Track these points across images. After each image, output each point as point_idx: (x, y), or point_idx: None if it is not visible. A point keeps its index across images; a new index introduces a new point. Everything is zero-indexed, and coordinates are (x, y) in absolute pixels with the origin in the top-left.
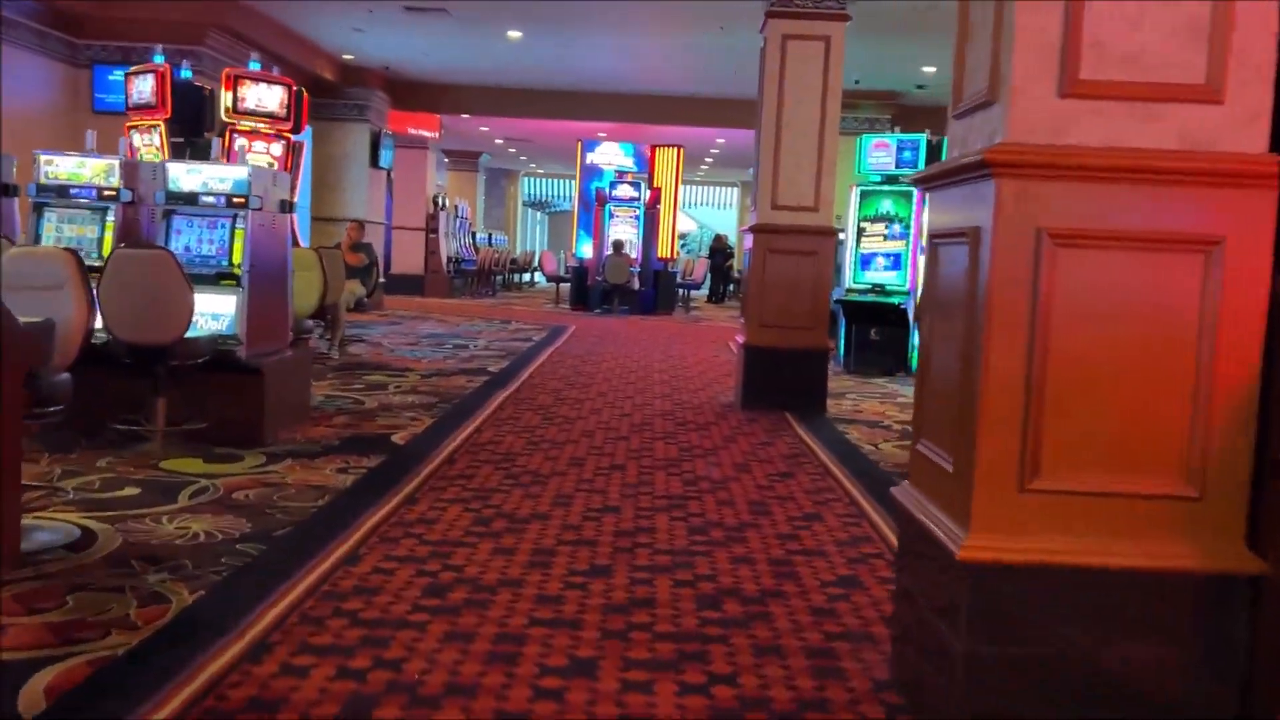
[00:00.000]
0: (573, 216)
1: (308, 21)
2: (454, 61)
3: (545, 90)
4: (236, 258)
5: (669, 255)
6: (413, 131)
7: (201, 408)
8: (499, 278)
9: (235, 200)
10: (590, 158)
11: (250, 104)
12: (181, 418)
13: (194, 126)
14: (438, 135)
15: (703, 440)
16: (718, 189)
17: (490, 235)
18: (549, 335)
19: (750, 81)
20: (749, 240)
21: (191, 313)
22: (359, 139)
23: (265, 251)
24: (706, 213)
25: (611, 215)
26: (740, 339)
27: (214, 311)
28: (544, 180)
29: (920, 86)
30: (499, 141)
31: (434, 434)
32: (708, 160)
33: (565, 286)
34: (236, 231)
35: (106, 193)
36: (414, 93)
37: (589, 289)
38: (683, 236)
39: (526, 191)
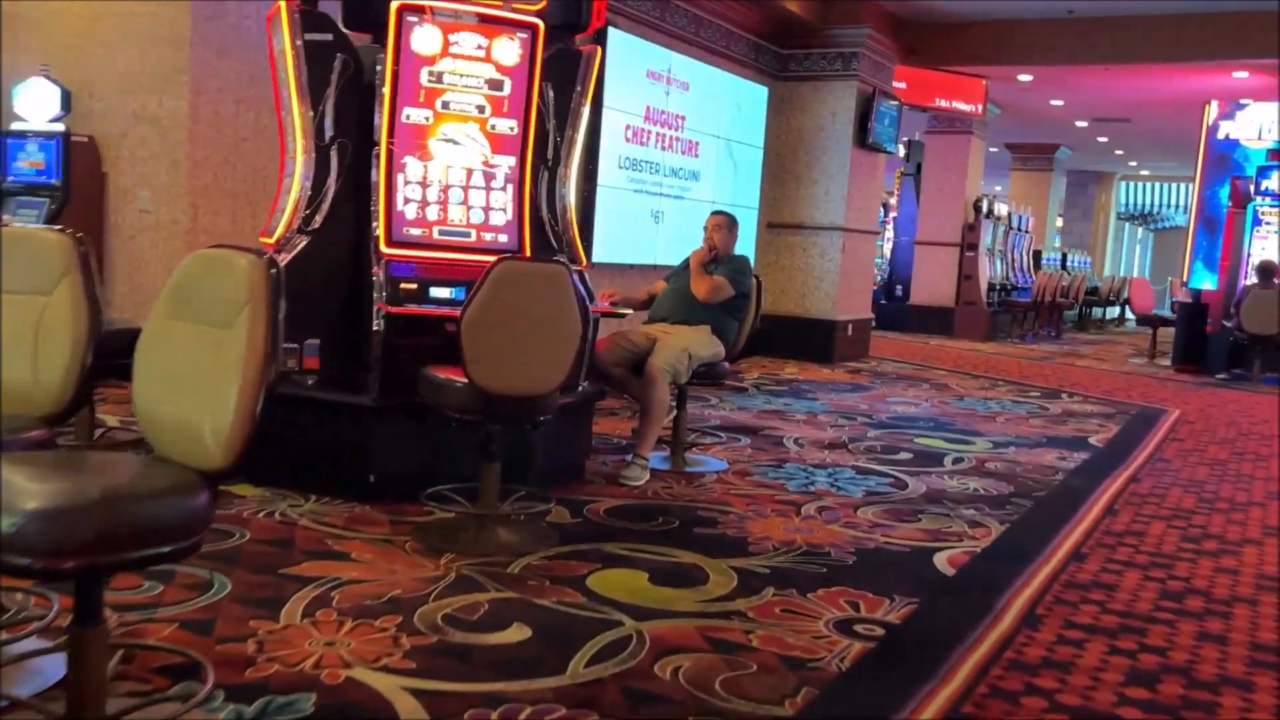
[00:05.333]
0: (1188, 230)
1: None
2: None
3: (1146, 14)
4: None
5: None
6: (943, 104)
7: None
8: (1072, 313)
9: None
10: (1226, 129)
11: None
12: None
13: None
14: (980, 110)
15: None
16: None
17: (1064, 256)
18: (1118, 441)
19: None
20: None
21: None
22: (839, 104)
23: None
24: None
25: (1259, 222)
26: None
27: None
28: (1149, 185)
29: None
30: (1082, 125)
31: None
32: None
33: (1169, 332)
34: None
35: None
36: (936, 35)
37: (1208, 339)
38: None
39: (1123, 200)
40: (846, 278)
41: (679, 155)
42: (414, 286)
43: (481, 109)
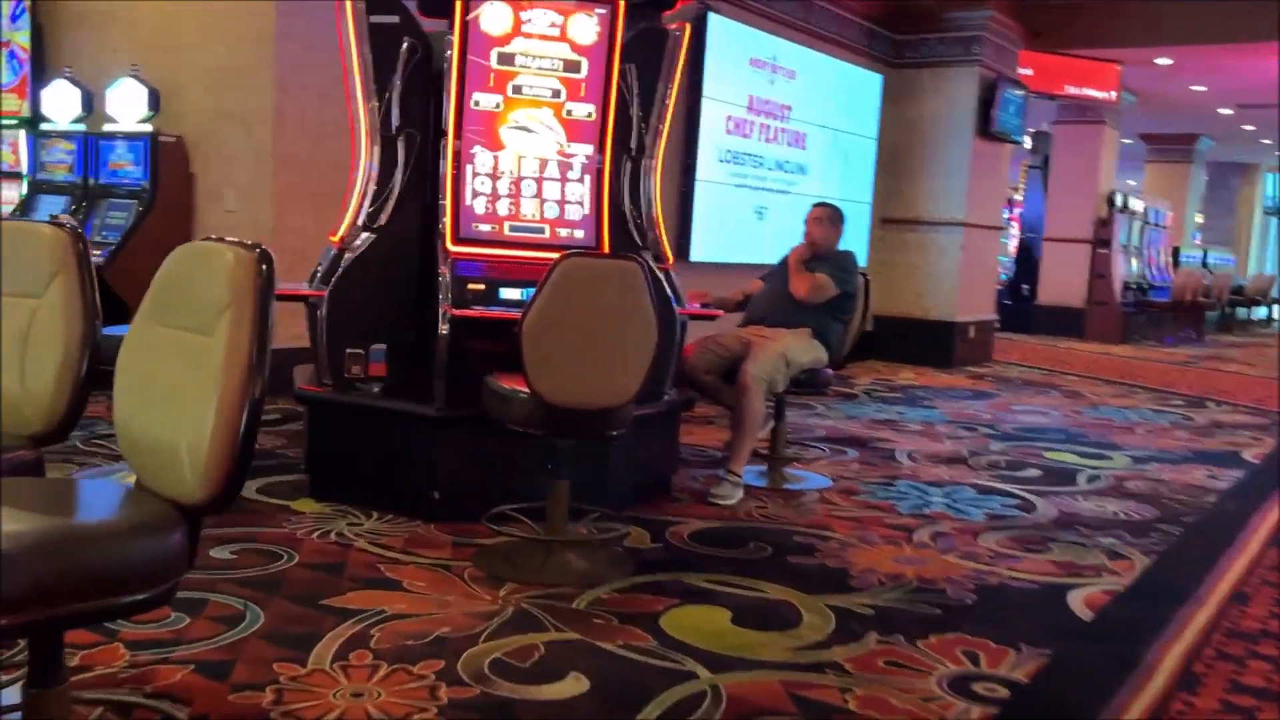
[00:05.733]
0: None
1: None
2: None
3: None
4: None
5: None
6: (1073, 91)
7: None
8: (1214, 314)
9: None
10: None
11: None
12: None
13: None
14: (1114, 97)
15: None
16: None
17: (1205, 253)
18: (1277, 456)
19: None
20: None
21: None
22: (959, 92)
23: None
24: None
25: None
26: None
27: None
28: None
29: None
30: (1226, 112)
31: None
32: None
33: None
34: None
35: None
36: (1066, 16)
37: None
38: None
39: (1270, 193)
40: (967, 276)
41: (785, 147)
42: (482, 287)
43: (556, 93)
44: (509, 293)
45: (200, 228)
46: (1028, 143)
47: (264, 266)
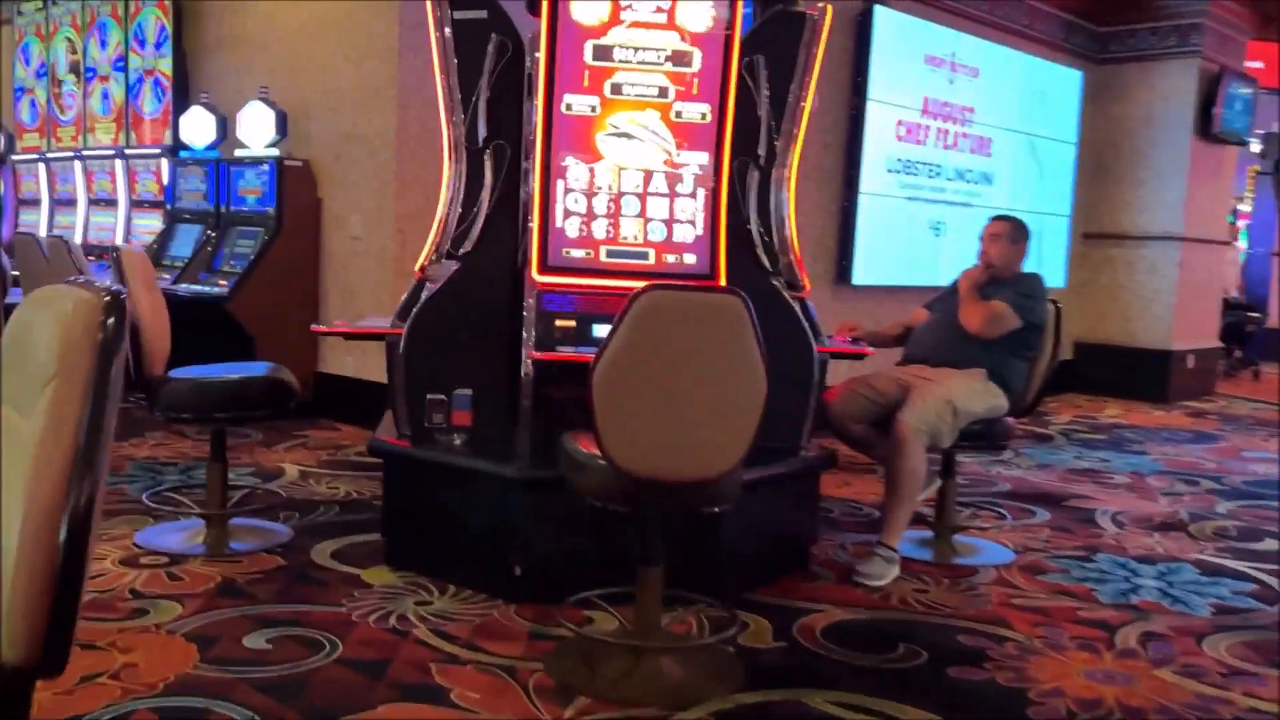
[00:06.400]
0: None
1: None
2: None
3: None
4: None
5: None
6: None
7: None
8: None
9: None
10: None
11: None
12: None
13: None
14: None
15: None
16: None
17: None
18: None
19: None
20: None
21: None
22: (1174, 88)
23: None
24: None
25: None
26: None
27: None
28: None
29: None
30: None
31: None
32: None
33: None
34: None
35: None
36: None
37: None
38: None
39: None
40: (1186, 297)
41: (966, 154)
42: (572, 324)
43: (663, 92)
44: (604, 331)
45: (327, 256)
46: (1256, 145)
47: (109, 320)
